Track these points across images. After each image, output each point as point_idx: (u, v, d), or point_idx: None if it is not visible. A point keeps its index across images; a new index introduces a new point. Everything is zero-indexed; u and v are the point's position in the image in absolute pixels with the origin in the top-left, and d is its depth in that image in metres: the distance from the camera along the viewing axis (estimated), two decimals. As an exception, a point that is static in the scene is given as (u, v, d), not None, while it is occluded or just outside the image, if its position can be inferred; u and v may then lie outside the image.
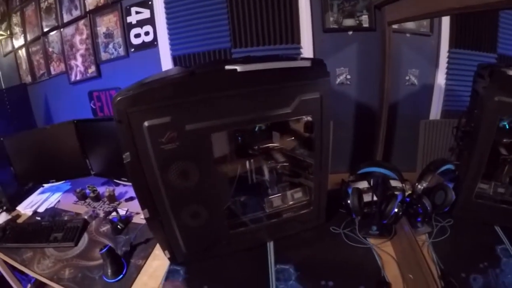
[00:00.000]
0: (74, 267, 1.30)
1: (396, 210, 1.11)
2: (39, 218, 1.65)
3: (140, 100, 0.87)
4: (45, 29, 2.08)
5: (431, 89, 1.50)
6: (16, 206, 1.77)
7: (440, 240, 1.09)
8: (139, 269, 1.23)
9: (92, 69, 1.93)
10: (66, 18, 1.94)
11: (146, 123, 0.88)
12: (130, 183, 1.69)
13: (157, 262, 1.24)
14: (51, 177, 1.82)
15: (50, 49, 2.11)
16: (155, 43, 1.72)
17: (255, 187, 1.19)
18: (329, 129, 1.06)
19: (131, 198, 1.71)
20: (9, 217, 1.65)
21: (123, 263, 1.23)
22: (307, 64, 0.99)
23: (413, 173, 1.36)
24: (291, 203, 1.21)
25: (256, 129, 1.05)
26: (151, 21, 1.70)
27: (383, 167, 1.15)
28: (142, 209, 1.03)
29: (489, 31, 1.30)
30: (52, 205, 1.77)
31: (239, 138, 1.12)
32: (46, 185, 1.92)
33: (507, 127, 1.14)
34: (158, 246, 1.29)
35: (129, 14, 1.74)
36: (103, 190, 1.73)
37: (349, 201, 1.15)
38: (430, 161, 1.30)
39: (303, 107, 1.00)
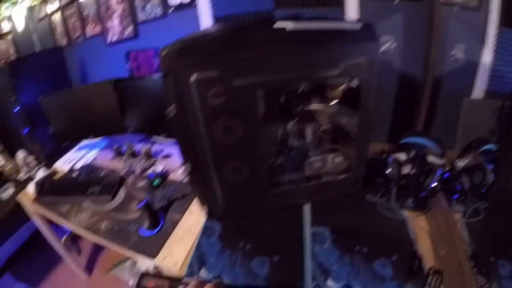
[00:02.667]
0: (111, 220, 1.34)
1: (435, 183, 1.10)
2: (75, 174, 1.71)
3: (188, 54, 0.87)
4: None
5: (476, 67, 1.44)
6: (54, 163, 1.85)
7: (473, 221, 1.06)
8: (175, 223, 1.26)
9: (129, 30, 1.94)
10: (102, -22, 1.94)
11: (193, 77, 0.88)
12: (167, 140, 1.73)
13: (193, 218, 1.27)
14: (89, 133, 1.86)
15: (85, 12, 2.12)
16: (194, 3, 1.70)
17: (296, 149, 1.20)
18: (374, 96, 1.03)
19: (167, 156, 1.75)
20: (47, 173, 1.72)
21: (160, 217, 1.27)
22: (357, 27, 0.96)
23: (451, 150, 1.32)
24: (330, 167, 1.20)
25: (300, 90, 1.04)
26: (190, -19, 1.67)
27: (427, 138, 1.13)
28: (184, 163, 1.05)
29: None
30: (88, 162, 1.83)
31: (283, 98, 1.11)
32: (83, 143, 1.99)
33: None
34: (194, 202, 1.33)
35: (167, -26, 1.71)
36: (140, 147, 1.77)
37: (388, 171, 1.14)
38: (469, 140, 1.26)
39: (350, 71, 0.97)
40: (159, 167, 1.59)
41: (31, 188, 1.60)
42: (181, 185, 1.43)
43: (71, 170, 1.77)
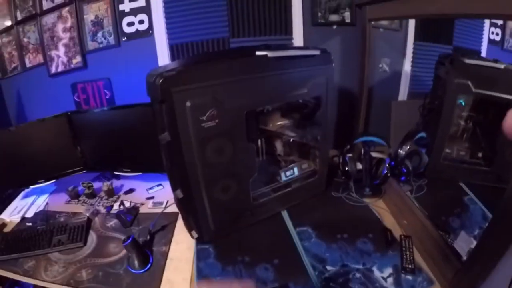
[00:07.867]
0: (92, 267, 1.23)
1: (386, 171, 1.35)
2: (30, 224, 1.51)
3: (184, 80, 0.94)
4: (20, 18, 1.95)
5: (400, 75, 1.77)
6: (-1, 214, 1.61)
7: (419, 196, 1.31)
8: (165, 255, 1.24)
9: (77, 59, 1.87)
10: (46, 5, 1.85)
11: (188, 103, 0.95)
12: (131, 173, 1.70)
13: (181, 246, 1.28)
14: (40, 177, 1.67)
15: (26, 40, 1.98)
16: (150, 31, 1.73)
17: (269, 161, 1.35)
18: (333, 106, 1.25)
19: (130, 191, 1.71)
20: (-6, 229, 1.47)
21: (147, 252, 1.24)
22: (317, 52, 1.18)
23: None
24: (300, 173, 1.38)
25: (265, 110, 1.23)
26: (146, 9, 1.70)
27: (376, 136, 1.38)
28: (174, 190, 1.11)
29: (446, 27, 1.59)
30: (41, 208, 1.63)
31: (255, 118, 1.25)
32: (28, 189, 1.77)
33: (463, 104, 1.41)
34: (177, 230, 1.36)
35: (121, 2, 1.72)
36: (98, 186, 1.69)
37: (347, 168, 1.38)
38: (400, 134, 1.53)
39: (315, 88, 1.19)
40: (125, 204, 1.54)
41: (-21, 252, 1.36)
42: (157, 217, 1.42)
43: (23, 219, 1.55)
